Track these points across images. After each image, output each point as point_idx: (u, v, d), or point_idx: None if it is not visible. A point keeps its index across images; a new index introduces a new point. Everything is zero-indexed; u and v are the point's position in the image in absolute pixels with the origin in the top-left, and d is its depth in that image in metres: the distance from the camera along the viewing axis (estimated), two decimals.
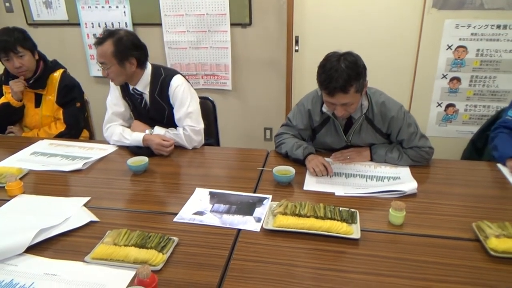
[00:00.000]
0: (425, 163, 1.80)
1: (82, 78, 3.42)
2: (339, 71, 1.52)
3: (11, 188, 1.56)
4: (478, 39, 2.89)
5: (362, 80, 1.60)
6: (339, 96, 1.57)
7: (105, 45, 1.86)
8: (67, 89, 2.29)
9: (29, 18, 3.44)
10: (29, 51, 2.16)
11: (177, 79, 2.03)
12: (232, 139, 3.50)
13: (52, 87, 2.28)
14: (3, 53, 2.10)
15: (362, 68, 1.59)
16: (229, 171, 1.84)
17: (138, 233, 1.25)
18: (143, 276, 1.01)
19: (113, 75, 1.93)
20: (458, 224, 1.35)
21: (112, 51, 1.86)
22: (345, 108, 1.63)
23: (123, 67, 1.91)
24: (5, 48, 2.08)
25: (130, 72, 1.94)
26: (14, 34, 2.10)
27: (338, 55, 1.58)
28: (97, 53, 1.89)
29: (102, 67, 1.91)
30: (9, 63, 2.13)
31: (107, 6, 3.27)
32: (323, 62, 1.60)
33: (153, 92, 2.02)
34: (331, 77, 1.53)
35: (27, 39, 2.16)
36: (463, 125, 3.17)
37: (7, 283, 1.10)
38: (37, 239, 1.25)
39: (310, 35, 3.14)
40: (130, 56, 1.90)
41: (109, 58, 1.87)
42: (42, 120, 2.31)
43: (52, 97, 2.28)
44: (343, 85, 1.53)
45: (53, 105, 2.29)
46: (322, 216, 1.34)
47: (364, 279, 1.10)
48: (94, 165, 1.85)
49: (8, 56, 2.10)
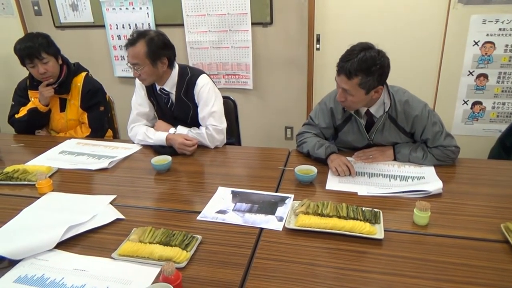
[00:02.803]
0: (451, 162, 1.76)
1: (107, 79, 3.54)
2: (354, 57, 1.56)
3: (41, 186, 1.62)
4: (506, 34, 2.80)
5: (372, 80, 1.57)
6: (342, 79, 1.61)
7: (138, 46, 1.87)
8: (90, 94, 2.30)
9: (56, 21, 3.55)
10: (53, 57, 2.17)
11: (203, 78, 2.05)
12: (253, 138, 3.51)
13: (76, 92, 2.29)
14: (28, 59, 2.11)
15: (377, 69, 1.56)
16: (251, 170, 1.85)
17: (162, 231, 1.28)
18: (168, 273, 1.03)
19: (145, 75, 1.94)
20: (485, 225, 1.32)
21: (145, 52, 1.87)
22: (345, 96, 1.64)
23: (156, 67, 1.93)
24: (29, 55, 2.09)
25: (161, 71, 1.96)
26: (38, 40, 2.10)
27: (366, 46, 1.59)
28: (129, 54, 1.90)
29: (135, 68, 1.92)
30: (34, 69, 2.14)
31: (131, 8, 3.33)
32: (353, 45, 1.63)
33: (179, 92, 2.05)
34: (345, 58, 1.59)
35: (51, 44, 2.17)
36: (491, 123, 3.08)
37: (38, 277, 1.14)
38: (66, 236, 1.29)
39: (332, 33, 3.11)
40: (162, 55, 1.92)
41: (142, 58, 1.88)
42: (67, 124, 2.35)
43: (76, 101, 2.30)
44: (349, 70, 1.56)
45: (78, 110, 2.31)
46: (345, 216, 1.34)
47: (388, 280, 1.09)
48: (119, 164, 1.90)
49: (33, 62, 2.11)
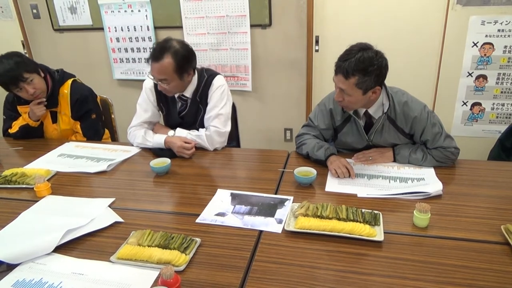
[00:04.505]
0: (451, 163, 1.76)
1: (105, 81, 3.54)
2: (352, 57, 1.57)
3: (40, 189, 1.61)
4: (505, 36, 2.80)
5: (369, 80, 1.58)
6: (339, 78, 1.62)
7: (165, 61, 1.80)
8: (79, 103, 2.22)
9: (55, 24, 3.54)
10: (35, 73, 2.06)
11: (219, 79, 2.03)
12: (252, 140, 3.50)
13: (64, 103, 2.21)
14: (12, 85, 2.01)
15: (374, 69, 1.57)
16: (250, 172, 1.84)
17: (161, 234, 1.27)
18: (167, 277, 1.03)
19: (172, 88, 1.89)
20: (486, 226, 1.32)
21: (174, 67, 1.81)
22: (342, 95, 1.65)
23: (183, 80, 1.89)
24: (12, 79, 1.98)
25: (187, 82, 1.93)
26: (13, 60, 1.97)
27: (364, 46, 1.60)
28: (155, 70, 1.82)
29: (162, 83, 1.85)
30: (22, 92, 2.05)
31: (130, 10, 3.33)
32: (351, 46, 1.64)
33: (195, 94, 2.02)
34: (343, 57, 1.61)
35: (27, 61, 2.05)
36: (490, 124, 3.08)
37: (36, 281, 1.14)
38: (65, 239, 1.28)
39: (331, 35, 3.11)
40: (189, 68, 1.88)
41: (170, 74, 1.83)
42: (62, 134, 2.30)
43: (66, 111, 2.23)
44: (347, 70, 1.57)
45: (70, 120, 2.26)
46: (345, 218, 1.33)
47: (388, 282, 1.09)
48: (118, 166, 1.89)
49: (18, 86, 2.01)
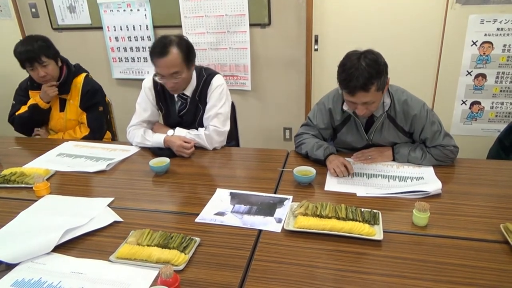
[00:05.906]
0: (450, 162, 1.76)
1: (104, 81, 3.52)
2: (360, 69, 1.51)
3: (39, 189, 1.61)
4: (504, 34, 2.80)
5: (384, 78, 1.57)
6: (360, 95, 1.55)
7: (172, 53, 1.78)
8: (90, 94, 2.32)
9: (54, 23, 3.54)
10: (53, 60, 2.18)
11: (219, 78, 2.03)
12: (251, 139, 3.50)
13: (75, 92, 2.31)
14: (28, 63, 2.12)
15: (383, 66, 1.56)
16: (249, 171, 1.84)
17: (160, 233, 1.27)
18: (166, 276, 1.03)
19: (182, 82, 1.87)
20: (485, 225, 1.32)
21: (182, 57, 1.81)
22: (366, 107, 1.61)
23: (190, 71, 1.88)
24: (29, 59, 2.10)
25: (191, 76, 1.92)
26: (37, 44, 2.11)
27: (358, 54, 1.56)
28: (164, 65, 1.80)
29: (173, 77, 1.84)
30: (34, 72, 2.16)
31: (129, 10, 3.32)
32: (343, 61, 1.58)
33: (195, 94, 2.02)
34: (351, 76, 1.51)
35: (50, 47, 2.18)
36: (489, 123, 3.08)
37: (36, 281, 1.13)
38: (64, 239, 1.28)
39: (330, 34, 3.11)
40: (193, 58, 1.87)
41: (180, 65, 1.82)
42: (66, 124, 2.36)
43: (75, 101, 2.32)
44: (364, 83, 1.51)
45: (77, 110, 2.33)
46: (344, 217, 1.33)
47: (387, 281, 1.09)
48: (117, 166, 1.89)
49: (33, 66, 2.12)
